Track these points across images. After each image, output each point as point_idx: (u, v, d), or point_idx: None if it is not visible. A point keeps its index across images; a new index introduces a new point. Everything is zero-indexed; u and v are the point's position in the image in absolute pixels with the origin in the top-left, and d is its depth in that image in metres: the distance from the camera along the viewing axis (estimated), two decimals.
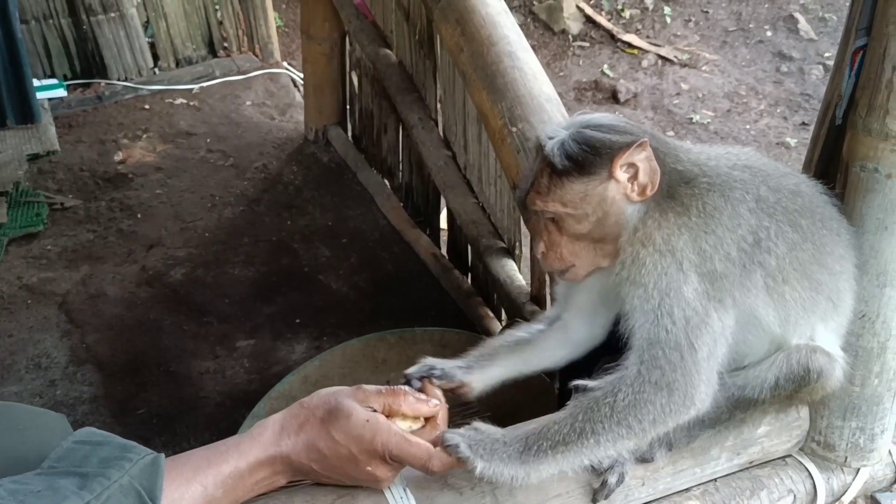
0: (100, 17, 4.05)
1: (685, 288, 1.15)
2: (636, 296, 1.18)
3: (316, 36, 3.44)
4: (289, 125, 3.97)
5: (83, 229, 3.38)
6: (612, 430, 1.15)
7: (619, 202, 1.19)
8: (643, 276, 1.17)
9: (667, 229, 1.17)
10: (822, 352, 1.24)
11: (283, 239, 3.30)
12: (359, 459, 1.14)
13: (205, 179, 3.63)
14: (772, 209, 1.20)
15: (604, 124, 1.20)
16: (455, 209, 2.68)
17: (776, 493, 1.40)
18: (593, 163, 1.17)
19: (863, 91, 1.21)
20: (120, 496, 1.04)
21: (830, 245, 1.24)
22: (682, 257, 1.16)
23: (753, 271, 1.18)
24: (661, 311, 1.15)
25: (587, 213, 1.19)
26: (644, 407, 1.15)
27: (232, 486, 1.13)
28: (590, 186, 1.18)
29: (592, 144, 1.17)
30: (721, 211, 1.17)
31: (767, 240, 1.18)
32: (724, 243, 1.16)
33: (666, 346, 1.15)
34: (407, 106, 2.90)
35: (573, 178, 1.17)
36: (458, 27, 2.04)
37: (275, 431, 1.17)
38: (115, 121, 4.01)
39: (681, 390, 1.15)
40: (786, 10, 5.35)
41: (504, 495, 1.22)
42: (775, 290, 1.20)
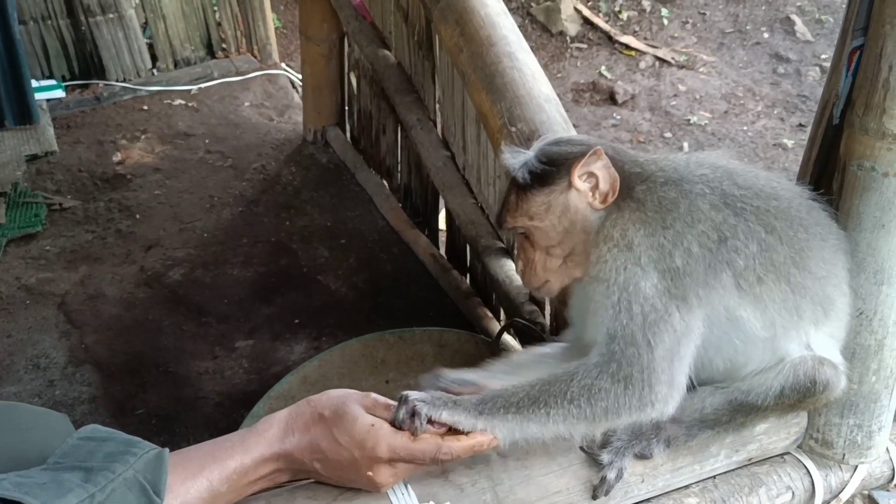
0: (98, 19, 4.06)
1: (643, 283, 1.16)
2: (598, 291, 1.21)
3: (314, 37, 3.45)
4: (287, 126, 3.98)
5: (82, 230, 3.38)
6: (563, 406, 1.16)
7: (582, 210, 1.24)
8: (604, 271, 1.19)
9: (622, 225, 1.20)
10: (829, 364, 1.25)
11: (281, 239, 3.31)
12: (360, 464, 1.14)
13: (203, 180, 3.64)
14: (739, 208, 1.19)
15: (562, 139, 1.30)
16: (454, 209, 2.69)
17: (774, 490, 1.41)
18: (552, 174, 1.23)
19: (860, 90, 1.22)
20: (124, 489, 1.05)
21: (814, 249, 1.23)
22: (639, 252, 1.17)
23: (721, 270, 1.17)
24: (620, 307, 1.16)
25: (553, 223, 1.24)
26: (598, 394, 1.16)
27: (236, 481, 1.14)
28: (552, 197, 1.24)
29: (550, 158, 1.25)
30: (677, 205, 1.18)
31: (734, 238, 1.17)
32: (684, 239, 1.17)
33: (623, 341, 1.15)
34: (406, 107, 2.91)
35: (535, 191, 1.24)
36: (457, 28, 2.05)
37: (280, 428, 1.17)
38: (113, 122, 4.01)
39: (638, 387, 1.15)
40: (782, 12, 5.37)
41: (504, 492, 1.23)
42: (749, 292, 1.19)
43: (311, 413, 1.17)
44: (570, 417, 1.16)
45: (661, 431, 1.30)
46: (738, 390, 1.27)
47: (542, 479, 1.25)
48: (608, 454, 1.28)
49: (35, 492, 0.98)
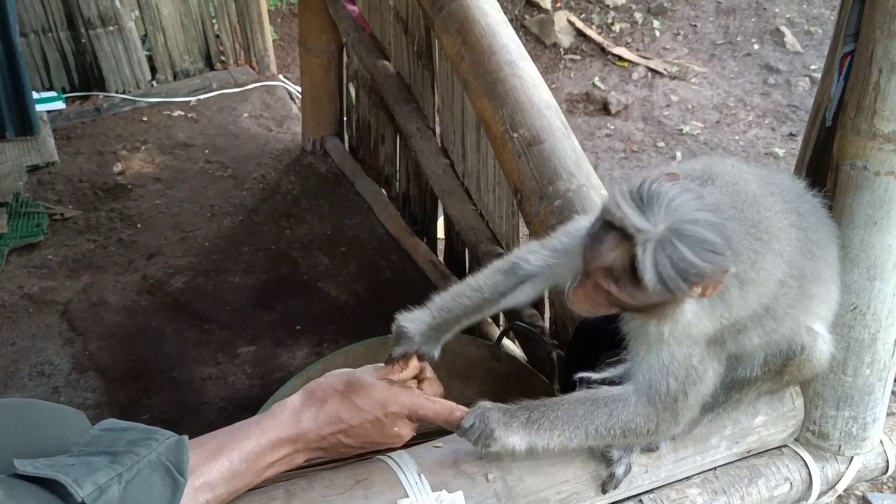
0: (98, 31, 4.10)
1: (694, 357, 1.23)
2: (647, 353, 1.24)
3: (313, 48, 3.50)
4: (286, 136, 4.03)
5: (83, 239, 3.41)
6: (601, 433, 1.26)
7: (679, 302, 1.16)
8: (663, 348, 1.22)
9: (706, 323, 1.19)
10: (805, 328, 1.29)
11: (282, 248, 3.35)
12: (384, 423, 1.22)
13: (203, 190, 3.68)
14: (785, 279, 1.21)
15: (698, 238, 1.05)
16: (453, 216, 2.74)
17: (773, 480, 1.46)
18: (680, 288, 1.07)
19: (851, 93, 1.27)
20: (149, 470, 1.09)
21: (822, 260, 1.28)
22: (702, 336, 1.21)
23: (754, 334, 1.26)
24: (668, 371, 1.24)
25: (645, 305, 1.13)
26: (634, 427, 1.27)
27: (255, 461, 1.18)
28: (665, 300, 1.11)
29: (686, 270, 1.05)
30: (751, 304, 1.20)
31: (775, 305, 1.23)
32: (739, 322, 1.22)
33: (664, 394, 1.25)
34: (405, 115, 2.96)
35: (655, 293, 1.07)
36: (459, 37, 2.10)
37: (294, 409, 1.22)
38: (113, 133, 4.05)
39: (666, 424, 1.27)
40: (772, 23, 5.47)
41: (514, 480, 1.27)
42: (774, 329, 1.27)
43: (324, 390, 1.23)
44: (603, 440, 1.29)
45: None
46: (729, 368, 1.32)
47: (549, 468, 1.29)
48: (617, 450, 1.33)
49: (66, 470, 1.02)
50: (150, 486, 1.09)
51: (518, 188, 1.89)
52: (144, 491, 1.08)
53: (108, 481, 1.04)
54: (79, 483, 1.02)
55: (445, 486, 1.23)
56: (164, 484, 1.10)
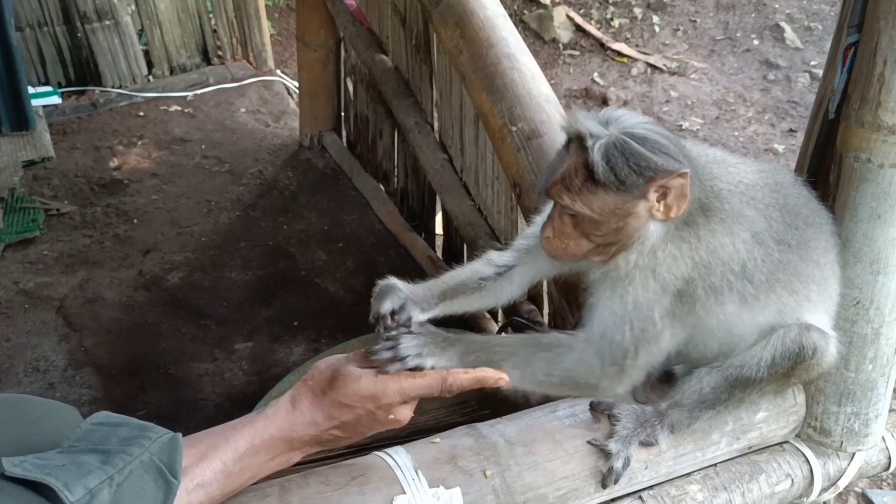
0: (94, 25, 4.08)
1: (657, 307, 1.21)
2: (611, 299, 1.23)
3: (311, 43, 3.48)
4: (283, 132, 4.01)
5: (79, 234, 3.39)
6: (537, 377, 1.25)
7: (642, 218, 1.19)
8: (628, 289, 1.22)
9: (676, 259, 1.20)
10: (815, 329, 1.28)
11: (279, 243, 3.33)
12: (378, 415, 1.19)
13: (200, 185, 3.66)
14: (764, 238, 1.24)
15: (649, 138, 1.15)
16: (452, 211, 2.72)
17: (774, 477, 1.44)
18: (634, 182, 1.14)
19: (855, 85, 1.26)
20: (141, 471, 1.06)
21: (815, 241, 1.28)
22: (670, 283, 1.21)
23: (728, 300, 1.24)
24: (626, 319, 1.22)
25: (610, 221, 1.19)
26: (574, 376, 1.25)
27: (249, 462, 1.16)
28: (622, 201, 1.16)
29: (638, 162, 1.14)
30: (726, 248, 1.22)
31: (753, 269, 1.23)
32: (713, 274, 1.21)
33: (615, 345, 1.23)
34: (403, 110, 2.94)
35: (609, 192, 1.15)
36: (457, 29, 2.08)
37: (287, 409, 1.20)
38: (109, 128, 4.03)
39: (608, 380, 1.26)
40: (772, 19, 5.44)
41: (512, 477, 1.25)
42: (756, 298, 1.25)
43: (312, 390, 1.20)
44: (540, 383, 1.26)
45: (665, 418, 1.33)
46: (733, 366, 1.30)
47: (548, 464, 1.28)
48: (615, 444, 1.31)
49: (56, 473, 1.00)
50: (141, 488, 1.06)
51: (517, 182, 1.87)
52: (137, 494, 1.06)
53: (98, 485, 1.02)
54: (69, 487, 0.99)
55: (443, 482, 1.21)
56: (157, 486, 1.08)
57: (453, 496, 1.20)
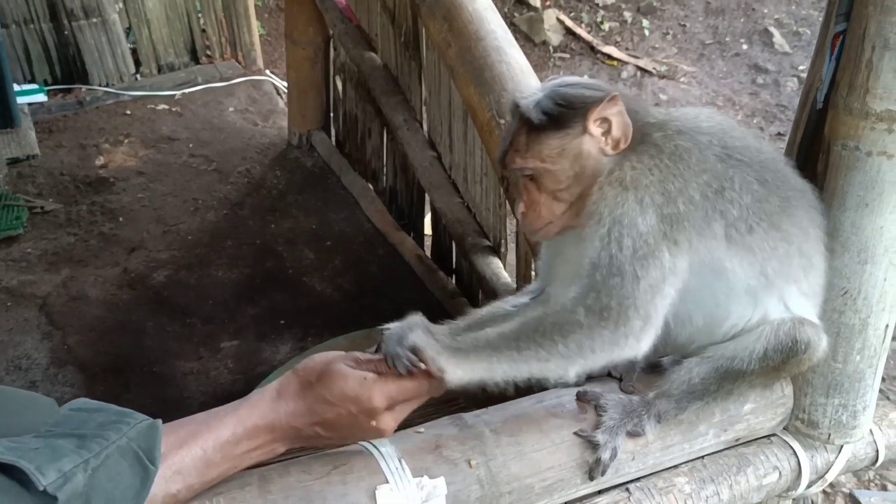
0: (81, 23, 4.05)
1: (640, 220, 1.16)
2: (590, 225, 1.19)
3: (300, 40, 3.46)
4: (272, 131, 3.99)
5: (64, 232, 3.36)
6: (534, 340, 1.14)
7: (594, 156, 1.22)
8: (601, 206, 1.19)
9: (639, 169, 1.20)
10: (809, 324, 1.27)
11: (266, 242, 3.30)
12: (360, 418, 1.15)
13: (187, 183, 3.63)
14: (737, 160, 1.22)
15: (576, 82, 1.25)
16: (440, 209, 2.70)
17: (762, 469, 1.42)
18: (568, 117, 1.20)
19: (843, 72, 1.25)
20: (118, 457, 1.04)
21: (796, 200, 1.26)
22: (643, 193, 1.18)
23: (714, 219, 1.19)
24: (611, 238, 1.16)
25: (564, 167, 1.22)
26: (570, 326, 1.14)
27: (230, 450, 1.13)
28: (566, 140, 1.21)
29: (567, 100, 1.21)
30: (691, 153, 1.20)
31: (731, 189, 1.20)
32: (690, 186, 1.18)
33: (608, 270, 1.14)
34: (392, 107, 2.93)
35: (550, 134, 1.21)
36: (445, 23, 2.07)
37: (272, 398, 1.17)
38: (95, 126, 4.00)
39: (613, 319, 1.13)
40: (761, 24, 5.47)
41: (498, 467, 1.23)
42: (740, 242, 1.21)
43: (300, 381, 1.18)
44: (541, 352, 1.14)
45: (652, 407, 1.31)
46: (723, 357, 1.28)
47: (534, 454, 1.26)
48: (602, 434, 1.28)
49: (29, 455, 0.97)
50: (118, 473, 1.04)
51: (505, 175, 1.86)
52: (112, 479, 1.03)
53: (73, 468, 0.99)
54: (41, 470, 0.97)
55: (427, 471, 1.19)
56: (134, 472, 1.05)
57: (437, 486, 1.18)
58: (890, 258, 1.31)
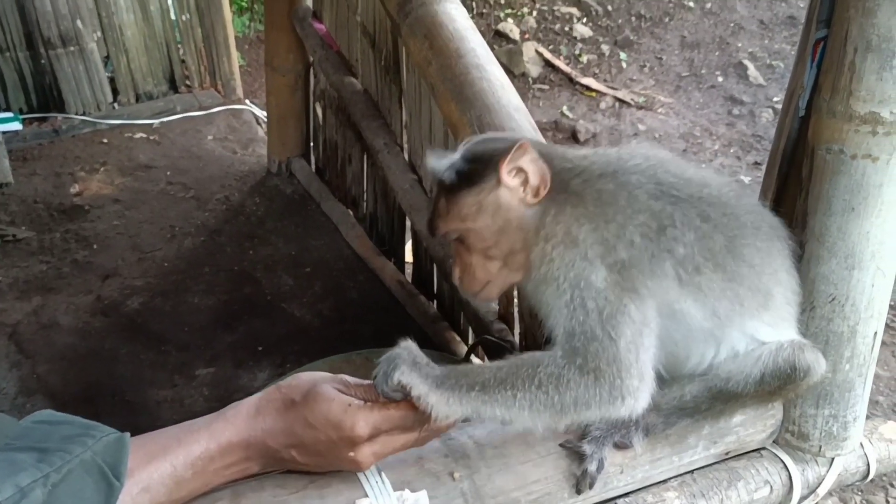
0: (59, 51, 4.02)
1: (594, 278, 1.13)
2: (549, 293, 1.17)
3: (280, 67, 3.45)
4: (251, 159, 3.96)
5: (36, 261, 3.29)
6: (529, 390, 1.11)
7: (515, 208, 1.18)
8: (553, 271, 1.16)
9: (564, 221, 1.16)
10: (809, 349, 1.24)
11: (244, 268, 3.25)
12: (339, 446, 1.09)
13: (164, 211, 3.58)
14: (674, 196, 1.17)
15: (488, 138, 1.25)
16: (421, 231, 2.68)
17: (753, 483, 1.39)
18: (479, 172, 1.18)
19: (826, 76, 1.24)
20: (81, 472, 0.98)
21: (746, 237, 1.21)
22: (585, 247, 1.14)
23: (663, 259, 1.14)
24: (574, 304, 1.13)
25: (487, 223, 1.19)
26: (567, 384, 1.12)
27: (202, 467, 1.08)
28: (481, 196, 1.18)
29: (476, 156, 1.20)
30: (616, 196, 1.16)
31: (672, 227, 1.15)
32: (626, 230, 1.14)
33: (583, 336, 1.12)
34: (372, 131, 2.91)
35: (464, 192, 1.19)
36: (426, 41, 2.06)
37: (249, 414, 1.12)
38: (71, 154, 3.95)
39: (608, 379, 1.11)
40: (735, 57, 5.55)
41: (482, 480, 1.19)
42: (689, 282, 1.16)
43: (283, 399, 1.12)
44: (536, 404, 1.11)
45: (640, 419, 1.28)
46: (718, 378, 1.25)
47: (520, 467, 1.22)
48: (588, 445, 1.25)
49: None
50: (80, 490, 0.98)
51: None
52: (74, 495, 0.97)
53: (31, 483, 0.93)
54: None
55: (408, 485, 1.15)
56: (98, 488, 0.99)
57: (419, 499, 1.13)
58: (877, 264, 1.30)
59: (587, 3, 5.69)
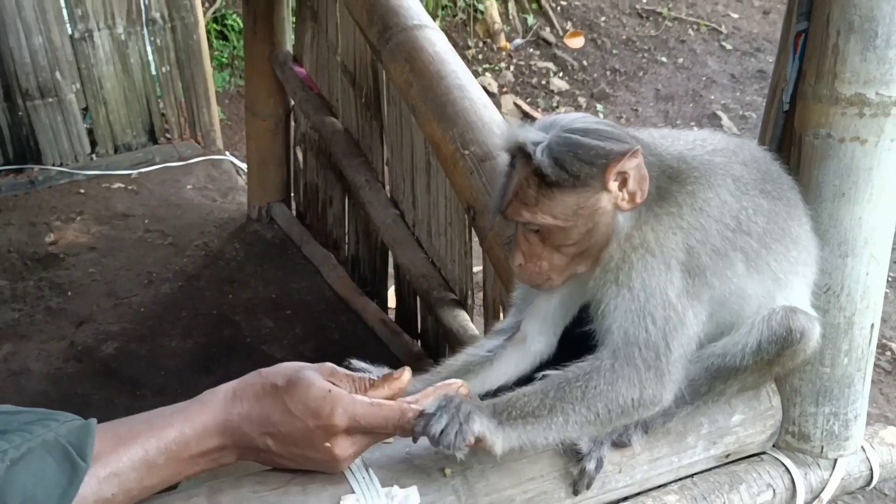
0: (37, 103, 4.00)
1: (670, 288, 1.13)
2: (620, 295, 1.14)
3: (261, 112, 3.46)
4: (231, 206, 3.92)
5: (7, 308, 3.21)
6: (580, 412, 1.12)
7: (610, 212, 1.13)
8: (632, 277, 1.14)
9: (662, 232, 1.14)
10: (801, 312, 1.22)
11: (223, 312, 3.19)
12: (315, 435, 1.03)
13: (142, 258, 3.52)
14: (745, 186, 1.19)
15: (591, 129, 1.13)
16: (404, 264, 2.64)
17: (755, 487, 1.33)
18: (588, 174, 1.10)
19: (809, 61, 1.25)
20: (43, 451, 0.92)
21: (793, 198, 1.25)
22: (670, 256, 1.14)
23: (735, 259, 1.17)
24: (645, 312, 1.12)
25: (577, 225, 1.13)
26: (615, 399, 1.12)
27: (176, 453, 1.01)
28: (583, 198, 1.11)
29: (586, 153, 1.10)
30: (710, 202, 1.16)
31: (747, 220, 1.17)
32: (711, 236, 1.15)
33: (644, 346, 1.12)
34: (354, 169, 2.91)
35: (566, 191, 1.10)
36: (406, 65, 2.07)
37: (226, 397, 1.06)
38: (47, 204, 3.90)
39: (651, 389, 1.13)
40: (709, 108, 5.66)
41: (475, 477, 1.12)
42: (757, 266, 1.19)
43: (263, 383, 1.07)
44: (587, 423, 1.12)
45: None
46: (714, 355, 1.22)
47: (514, 464, 1.16)
48: (586, 442, 1.19)
49: None
50: (41, 469, 0.92)
51: (471, 205, 1.82)
52: (34, 475, 0.91)
53: None
54: None
55: (396, 481, 1.08)
56: (60, 469, 0.93)
57: (409, 495, 1.07)
58: (871, 251, 1.28)
59: (563, 59, 5.81)
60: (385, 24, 2.18)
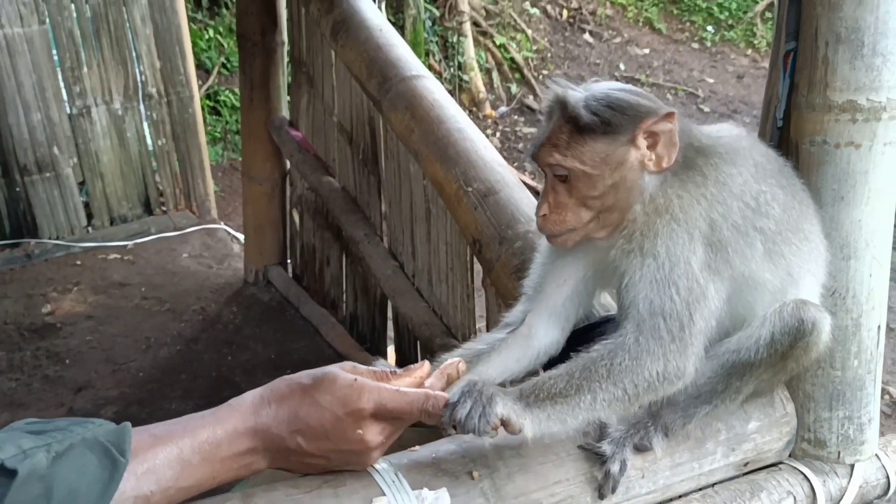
0: (34, 177, 4.06)
1: (693, 259, 1.16)
2: (645, 265, 1.17)
3: (257, 177, 3.52)
4: (227, 272, 3.95)
5: (4, 378, 3.19)
6: (607, 390, 1.12)
7: (636, 170, 1.17)
8: (657, 245, 1.16)
9: (686, 199, 1.18)
10: (811, 304, 1.24)
11: (223, 373, 3.18)
12: (346, 423, 1.05)
13: (139, 324, 3.52)
14: (765, 173, 1.24)
15: (629, 89, 1.19)
16: (405, 314, 2.66)
17: (776, 494, 1.33)
18: (620, 123, 1.15)
19: (801, 73, 1.31)
20: (83, 448, 0.93)
21: (805, 199, 1.28)
22: (694, 227, 1.17)
23: (755, 239, 1.20)
24: (669, 281, 1.14)
25: (604, 175, 1.16)
26: (641, 373, 1.13)
27: (209, 453, 1.02)
28: (611, 147, 1.16)
29: (621, 105, 1.16)
30: (734, 178, 1.20)
31: (766, 204, 1.21)
32: (732, 211, 1.18)
33: (669, 316, 1.14)
34: (352, 225, 2.95)
35: (597, 137, 1.15)
36: (407, 112, 2.14)
37: (254, 402, 1.08)
38: (44, 276, 3.91)
39: (675, 361, 1.14)
40: None
41: (502, 479, 1.12)
42: (775, 252, 1.22)
43: (289, 384, 1.09)
44: (615, 401, 1.13)
45: (658, 419, 1.24)
46: (729, 351, 1.23)
47: (540, 468, 1.16)
48: (609, 445, 1.20)
49: None
50: (83, 464, 0.93)
51: (476, 238, 1.85)
52: (77, 469, 0.92)
53: (33, 448, 0.89)
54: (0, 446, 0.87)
55: (426, 485, 1.08)
56: (101, 465, 0.94)
57: (440, 496, 1.06)
58: (872, 253, 1.32)
59: None
60: (384, 76, 2.26)
